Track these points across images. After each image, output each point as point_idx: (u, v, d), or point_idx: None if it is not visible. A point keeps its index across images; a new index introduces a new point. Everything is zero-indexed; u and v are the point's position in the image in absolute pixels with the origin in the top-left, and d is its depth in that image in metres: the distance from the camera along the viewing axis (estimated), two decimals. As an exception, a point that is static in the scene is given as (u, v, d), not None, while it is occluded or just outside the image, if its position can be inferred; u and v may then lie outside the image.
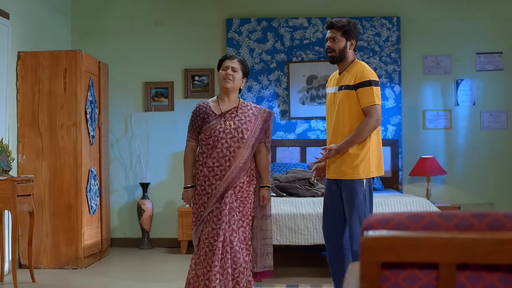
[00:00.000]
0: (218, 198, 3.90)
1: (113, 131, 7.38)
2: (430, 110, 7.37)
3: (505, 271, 1.41)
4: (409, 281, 1.44)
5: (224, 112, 3.99)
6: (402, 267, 1.44)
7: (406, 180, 7.34)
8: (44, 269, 5.85)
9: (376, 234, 1.39)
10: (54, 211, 5.89)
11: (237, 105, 4.04)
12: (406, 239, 1.38)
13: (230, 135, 3.92)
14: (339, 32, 3.93)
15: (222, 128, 3.92)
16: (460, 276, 1.42)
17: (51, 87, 5.94)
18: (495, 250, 1.35)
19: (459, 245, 1.36)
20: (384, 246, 1.39)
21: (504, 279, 1.41)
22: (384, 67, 7.31)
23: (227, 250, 3.82)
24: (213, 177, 3.91)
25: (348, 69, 3.96)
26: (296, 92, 7.33)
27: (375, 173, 3.85)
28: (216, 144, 3.91)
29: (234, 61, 4.05)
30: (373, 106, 3.82)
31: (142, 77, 7.48)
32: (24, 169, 5.89)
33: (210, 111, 4.00)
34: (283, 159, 7.28)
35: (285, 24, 7.41)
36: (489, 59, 7.32)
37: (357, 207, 3.76)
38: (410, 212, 1.44)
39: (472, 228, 1.41)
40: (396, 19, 7.34)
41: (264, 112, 4.08)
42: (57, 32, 7.06)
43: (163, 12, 7.50)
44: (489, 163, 7.32)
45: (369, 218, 1.45)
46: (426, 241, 1.38)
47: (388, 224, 1.43)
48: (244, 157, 3.92)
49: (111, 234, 7.29)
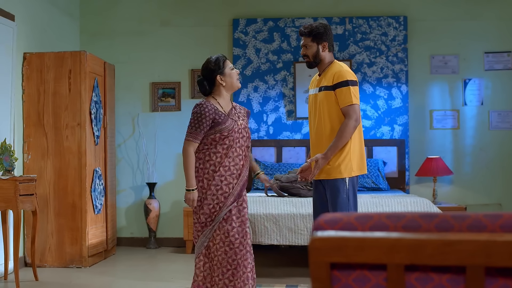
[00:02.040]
0: (236, 196, 3.91)
1: (121, 131, 7.44)
2: (438, 110, 7.32)
3: (455, 272, 1.40)
4: (359, 282, 1.44)
5: (228, 112, 3.98)
6: (352, 268, 1.44)
7: (413, 180, 7.29)
8: (49, 268, 5.92)
9: (324, 235, 1.38)
10: (59, 210, 5.95)
11: (232, 105, 4.07)
12: (353, 240, 1.38)
13: (241, 135, 3.96)
14: (308, 38, 4.02)
15: (237, 128, 3.94)
16: (410, 277, 1.42)
17: (56, 88, 6.00)
18: (442, 251, 1.34)
19: (406, 246, 1.36)
20: (332, 246, 1.39)
21: (454, 281, 1.40)
22: (391, 67, 7.28)
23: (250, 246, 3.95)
24: (230, 176, 3.90)
25: (327, 71, 4.01)
26: (302, 92, 7.32)
27: (357, 171, 3.88)
28: (231, 144, 3.91)
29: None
30: (351, 106, 3.86)
31: (149, 78, 7.53)
32: (29, 168, 5.96)
33: (218, 111, 3.91)
34: (289, 159, 7.28)
35: (292, 24, 7.40)
36: (498, 58, 7.24)
37: (340, 206, 3.79)
38: (360, 213, 1.43)
39: (420, 229, 1.40)
40: (403, 18, 7.29)
41: (246, 111, 4.17)
42: (65, 33, 7.12)
43: (170, 12, 7.54)
44: (497, 163, 7.24)
45: (319, 218, 1.45)
46: (373, 242, 1.37)
47: (336, 225, 1.43)
48: (251, 155, 4.10)
49: (118, 234, 7.35)
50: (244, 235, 3.90)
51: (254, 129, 7.36)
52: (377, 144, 7.19)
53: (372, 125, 7.25)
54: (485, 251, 1.33)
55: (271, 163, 7.14)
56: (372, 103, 7.27)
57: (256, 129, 7.37)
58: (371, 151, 7.18)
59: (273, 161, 7.29)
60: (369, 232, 1.41)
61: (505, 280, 1.39)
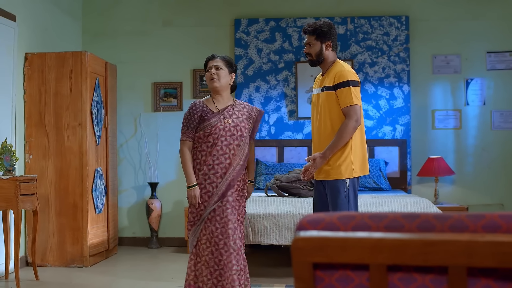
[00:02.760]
0: (220, 196, 3.89)
1: (123, 131, 7.45)
2: (440, 110, 7.30)
3: (437, 272, 1.40)
4: (342, 282, 1.44)
5: (221, 110, 3.99)
6: (335, 268, 1.44)
7: (414, 180, 7.28)
8: (50, 267, 5.93)
9: (306, 235, 1.39)
10: (60, 210, 5.97)
11: (232, 103, 4.06)
12: (335, 240, 1.38)
13: (229, 133, 3.92)
14: (312, 36, 3.98)
15: (222, 126, 3.91)
16: (393, 277, 1.42)
17: (57, 88, 6.02)
18: (424, 251, 1.34)
19: (388, 246, 1.36)
20: (314, 246, 1.39)
21: (437, 281, 1.40)
22: (392, 67, 7.27)
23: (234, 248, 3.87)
24: (214, 175, 3.89)
25: (329, 70, 3.99)
26: (304, 92, 7.32)
27: (358, 172, 3.86)
28: (216, 142, 3.90)
29: (216, 59, 4.06)
30: (351, 106, 3.83)
31: (151, 78, 7.54)
32: (31, 168, 5.98)
33: (207, 109, 3.97)
34: (290, 159, 7.27)
35: (293, 24, 7.40)
36: (500, 58, 7.22)
37: (340, 207, 3.77)
38: (342, 212, 1.43)
39: (402, 229, 1.40)
40: (405, 18, 7.28)
41: (256, 111, 4.13)
42: (67, 34, 7.15)
43: (172, 12, 7.55)
44: (499, 164, 7.22)
45: (302, 218, 1.45)
46: (355, 242, 1.37)
47: (319, 225, 1.43)
48: (244, 155, 3.96)
49: (120, 233, 7.37)
50: (227, 236, 3.84)
51: (256, 129, 7.36)
52: (379, 144, 7.18)
53: (373, 125, 7.24)
54: (467, 251, 1.33)
55: (272, 163, 7.14)
56: (374, 103, 7.26)
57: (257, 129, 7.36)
58: (372, 151, 7.18)
59: (275, 161, 7.29)
60: (351, 232, 1.41)
61: (487, 280, 1.38)
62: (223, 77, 4.02)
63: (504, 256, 1.31)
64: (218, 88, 4.01)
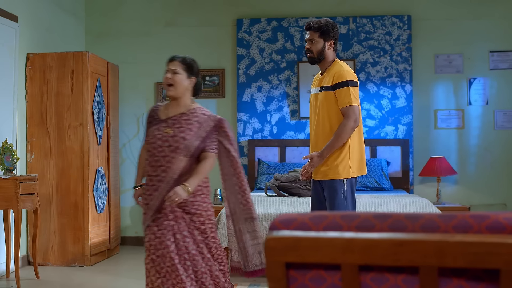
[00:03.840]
0: (155, 211, 3.59)
1: (125, 131, 7.48)
2: (442, 109, 7.28)
3: (409, 273, 1.40)
4: (315, 281, 1.45)
5: (167, 118, 3.67)
6: (308, 268, 1.44)
7: (417, 180, 7.26)
8: (52, 267, 5.97)
9: (278, 235, 1.39)
10: (61, 209, 6.00)
11: (185, 111, 3.68)
12: (307, 239, 1.38)
13: (167, 143, 3.60)
14: (316, 33, 3.94)
15: (160, 135, 3.62)
16: (365, 277, 1.42)
17: (58, 88, 6.05)
18: (394, 251, 1.34)
19: (359, 246, 1.36)
20: (286, 246, 1.39)
21: (409, 281, 1.40)
22: (395, 66, 7.25)
23: (184, 257, 3.57)
24: (151, 186, 3.62)
25: (328, 70, 3.97)
26: (306, 92, 7.32)
27: (356, 173, 3.85)
28: (154, 152, 3.62)
29: (174, 62, 3.68)
30: (350, 106, 3.82)
31: (154, 78, 7.56)
32: (32, 168, 6.02)
33: (156, 115, 3.71)
34: (292, 159, 7.28)
35: (295, 24, 7.40)
36: (503, 58, 7.19)
37: (337, 207, 3.76)
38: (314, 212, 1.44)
39: (373, 229, 1.40)
40: (407, 17, 7.26)
41: (211, 121, 3.67)
42: (70, 34, 7.18)
43: (174, 13, 7.57)
44: (502, 163, 7.19)
45: (275, 218, 1.46)
46: (326, 242, 1.38)
47: (291, 225, 1.44)
48: (180, 168, 3.57)
49: (123, 233, 7.39)
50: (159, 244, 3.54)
51: (258, 129, 7.37)
52: (381, 144, 7.17)
53: (376, 125, 7.23)
54: (437, 251, 1.33)
55: (274, 162, 7.14)
56: (376, 103, 7.25)
57: (259, 129, 7.37)
58: (374, 151, 7.17)
59: (277, 160, 7.29)
60: (323, 232, 1.41)
61: (459, 280, 1.38)
62: (178, 83, 3.63)
63: (475, 256, 1.31)
64: (173, 96, 3.67)
